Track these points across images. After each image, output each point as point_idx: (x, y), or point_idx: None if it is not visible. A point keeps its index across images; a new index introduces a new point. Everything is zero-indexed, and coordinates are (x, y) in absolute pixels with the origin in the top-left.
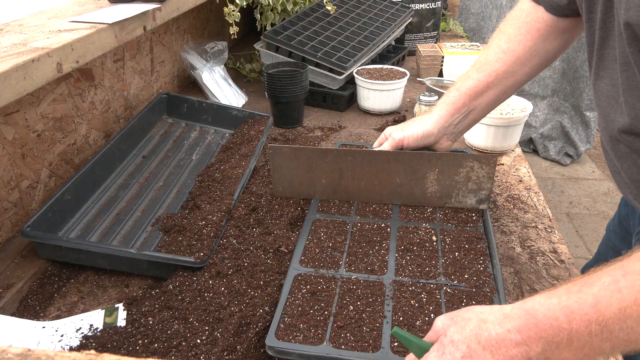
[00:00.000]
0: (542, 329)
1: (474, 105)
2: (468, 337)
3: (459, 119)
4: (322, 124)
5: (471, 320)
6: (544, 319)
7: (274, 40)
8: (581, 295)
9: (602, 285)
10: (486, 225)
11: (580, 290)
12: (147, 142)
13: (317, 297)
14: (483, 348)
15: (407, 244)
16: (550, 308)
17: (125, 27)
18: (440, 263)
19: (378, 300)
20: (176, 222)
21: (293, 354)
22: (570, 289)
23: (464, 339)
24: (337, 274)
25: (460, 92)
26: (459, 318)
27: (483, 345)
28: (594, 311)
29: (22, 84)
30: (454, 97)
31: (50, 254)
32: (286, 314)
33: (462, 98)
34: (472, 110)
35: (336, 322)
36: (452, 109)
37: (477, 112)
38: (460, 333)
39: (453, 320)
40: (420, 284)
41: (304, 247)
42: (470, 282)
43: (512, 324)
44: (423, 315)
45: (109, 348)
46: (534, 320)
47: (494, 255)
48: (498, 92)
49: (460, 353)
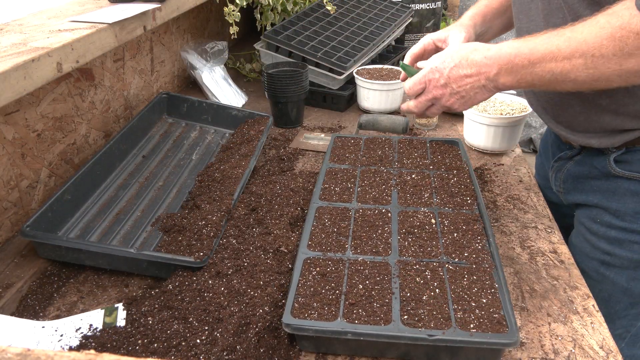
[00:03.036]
0: (501, 60)
1: (494, 25)
2: (461, 55)
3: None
4: (322, 124)
5: (469, 45)
6: (504, 54)
7: (274, 40)
8: (527, 43)
9: (541, 39)
10: (480, 208)
11: (528, 40)
12: (147, 142)
13: (327, 278)
14: (468, 64)
15: (408, 227)
16: (511, 46)
17: (125, 27)
18: (441, 243)
19: (385, 278)
20: (176, 222)
21: (309, 330)
22: (527, 39)
23: (459, 56)
24: (344, 257)
25: (487, 7)
26: (462, 45)
27: (469, 62)
28: (529, 53)
29: (22, 83)
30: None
31: (49, 253)
32: (299, 294)
33: (489, 13)
34: (490, 28)
35: (347, 299)
36: (480, 20)
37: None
38: (459, 52)
39: (458, 45)
40: (424, 262)
41: (310, 232)
42: (470, 259)
43: (489, 55)
44: (429, 291)
45: (108, 348)
46: (499, 54)
47: (489, 234)
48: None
49: (454, 62)
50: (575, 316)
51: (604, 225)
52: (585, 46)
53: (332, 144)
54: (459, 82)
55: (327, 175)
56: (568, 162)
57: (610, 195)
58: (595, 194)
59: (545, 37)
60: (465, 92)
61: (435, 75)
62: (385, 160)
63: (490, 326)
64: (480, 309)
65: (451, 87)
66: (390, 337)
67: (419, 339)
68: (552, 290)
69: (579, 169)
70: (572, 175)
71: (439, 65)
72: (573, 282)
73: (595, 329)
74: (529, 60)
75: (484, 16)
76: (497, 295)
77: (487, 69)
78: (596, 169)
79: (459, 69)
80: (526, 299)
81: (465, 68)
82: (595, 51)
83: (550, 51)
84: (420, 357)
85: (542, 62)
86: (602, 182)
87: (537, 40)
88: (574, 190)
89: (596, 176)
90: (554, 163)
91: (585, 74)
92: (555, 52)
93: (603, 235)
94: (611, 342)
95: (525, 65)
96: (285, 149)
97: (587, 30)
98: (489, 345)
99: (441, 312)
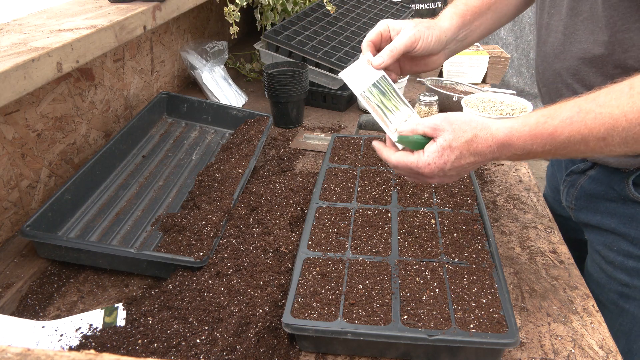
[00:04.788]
0: (513, 148)
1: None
2: (462, 145)
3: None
4: (322, 124)
5: (467, 132)
6: (517, 142)
7: (274, 40)
8: (545, 127)
9: (562, 119)
10: (480, 208)
11: (546, 122)
12: (147, 141)
13: (327, 278)
14: (471, 154)
15: (408, 227)
16: (522, 135)
17: (125, 27)
18: (441, 243)
19: (385, 278)
20: (176, 222)
21: (309, 330)
22: (540, 119)
23: (459, 146)
24: (344, 257)
25: (467, 6)
26: (457, 127)
27: (472, 152)
28: (550, 138)
29: (22, 83)
30: (461, 10)
31: (49, 253)
32: (299, 294)
33: (468, 14)
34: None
35: (347, 299)
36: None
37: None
38: (457, 141)
39: (452, 127)
40: (424, 262)
41: (310, 232)
42: (470, 259)
43: (495, 142)
44: (428, 291)
45: (108, 348)
46: (509, 142)
47: (489, 235)
48: (495, 17)
49: (454, 156)
50: (575, 316)
51: (622, 254)
52: (625, 122)
53: (332, 144)
54: (459, 170)
55: (327, 175)
56: (581, 177)
57: (628, 221)
58: (611, 218)
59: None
60: (464, 171)
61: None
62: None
63: (490, 326)
64: (480, 309)
65: (450, 176)
66: (390, 337)
67: (418, 339)
68: (551, 290)
69: (595, 188)
70: (586, 193)
71: (437, 161)
72: (573, 282)
73: (595, 329)
74: (552, 144)
75: (462, 17)
76: (497, 295)
77: (495, 155)
78: (614, 190)
79: (461, 160)
80: (526, 299)
81: (468, 157)
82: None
83: (578, 132)
84: (420, 357)
85: (567, 146)
86: (619, 206)
87: (557, 121)
88: (586, 210)
89: (613, 198)
90: (566, 177)
91: (623, 149)
92: (584, 133)
93: (620, 265)
94: (611, 342)
95: (545, 151)
96: (285, 149)
97: (625, 103)
98: (489, 345)
99: (441, 312)
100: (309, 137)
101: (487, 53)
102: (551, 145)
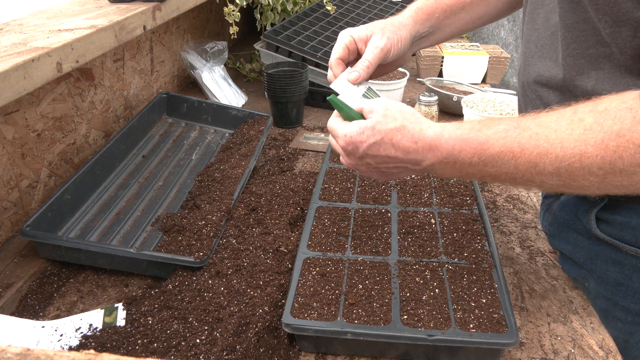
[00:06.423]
0: (439, 151)
1: (445, 24)
2: (385, 131)
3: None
4: (322, 124)
5: (396, 121)
6: (445, 144)
7: (274, 40)
8: (478, 134)
9: (496, 130)
10: (480, 208)
11: (480, 130)
12: (147, 141)
13: (327, 278)
14: (392, 145)
15: (408, 227)
16: (452, 137)
17: (125, 27)
18: (440, 243)
19: (385, 278)
20: (176, 222)
21: (309, 330)
22: (475, 126)
23: (382, 131)
24: (344, 257)
25: (438, 3)
26: (389, 113)
27: (393, 143)
28: (480, 148)
29: (22, 83)
30: (429, 6)
31: (49, 253)
32: (299, 294)
33: (437, 11)
34: (439, 29)
35: (347, 299)
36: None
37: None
38: (382, 125)
39: (385, 112)
40: (423, 262)
41: (310, 232)
42: (470, 259)
43: (422, 140)
44: (428, 291)
45: (108, 348)
46: (437, 143)
47: (489, 235)
48: (469, 18)
49: (374, 139)
50: (574, 316)
51: (591, 293)
52: (560, 150)
53: None
54: (378, 160)
55: (327, 175)
56: (555, 202)
57: (594, 257)
58: (580, 251)
59: (502, 127)
60: (387, 169)
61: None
62: None
63: (490, 326)
64: (479, 309)
65: (366, 164)
66: (389, 337)
67: (418, 339)
68: (551, 290)
69: (564, 216)
70: (557, 220)
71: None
72: (572, 282)
73: (595, 329)
74: (480, 156)
75: (429, 14)
76: (497, 295)
77: (417, 157)
78: (580, 222)
79: (380, 148)
80: (526, 299)
81: (388, 148)
82: (574, 160)
83: (509, 149)
84: (420, 357)
85: (497, 162)
86: (585, 240)
87: (491, 130)
88: (559, 238)
89: (580, 230)
90: (544, 199)
91: (556, 182)
92: (516, 151)
93: (592, 302)
94: (610, 342)
95: (472, 163)
96: (285, 149)
97: (564, 128)
98: (489, 345)
99: (441, 312)
100: (309, 137)
101: (487, 53)
102: (479, 157)
